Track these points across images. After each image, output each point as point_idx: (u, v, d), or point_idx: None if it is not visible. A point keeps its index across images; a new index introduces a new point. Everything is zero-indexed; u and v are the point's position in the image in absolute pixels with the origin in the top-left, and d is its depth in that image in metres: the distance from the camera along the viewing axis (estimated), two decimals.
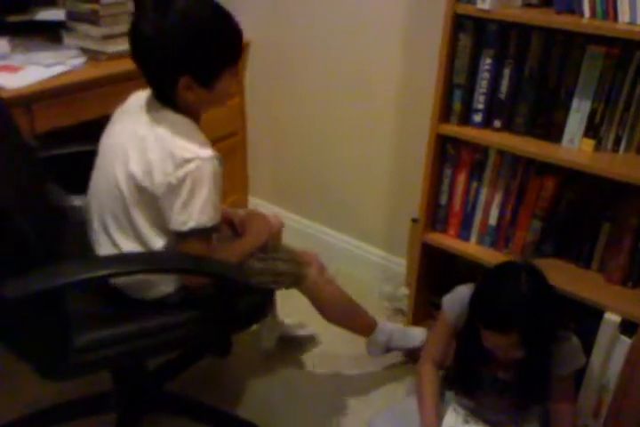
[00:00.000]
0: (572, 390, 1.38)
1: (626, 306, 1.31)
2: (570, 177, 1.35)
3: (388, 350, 1.66)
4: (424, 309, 1.77)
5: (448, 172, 1.50)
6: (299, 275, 1.41)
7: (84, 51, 1.73)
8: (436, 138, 1.44)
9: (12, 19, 1.77)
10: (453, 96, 1.40)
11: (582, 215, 1.38)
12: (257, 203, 2.35)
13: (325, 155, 2.07)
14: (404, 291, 1.89)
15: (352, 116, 1.93)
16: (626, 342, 1.30)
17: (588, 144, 1.30)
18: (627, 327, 1.30)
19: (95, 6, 1.69)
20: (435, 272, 1.71)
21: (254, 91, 2.15)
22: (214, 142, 2.03)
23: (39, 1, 1.81)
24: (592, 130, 1.29)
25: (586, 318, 1.38)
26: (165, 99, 1.15)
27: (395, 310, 1.96)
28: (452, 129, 1.42)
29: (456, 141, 1.45)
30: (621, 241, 1.32)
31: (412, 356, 1.68)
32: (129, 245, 1.18)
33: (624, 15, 1.15)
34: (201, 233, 1.14)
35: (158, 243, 1.17)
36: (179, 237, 1.15)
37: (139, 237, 1.17)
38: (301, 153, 2.14)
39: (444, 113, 1.43)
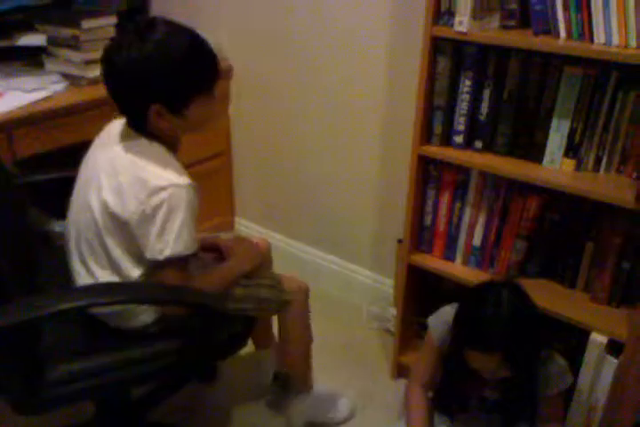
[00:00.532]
0: (561, 410, 1.37)
1: (612, 326, 1.30)
2: (552, 197, 1.35)
3: (307, 417, 1.58)
4: (412, 329, 1.75)
5: (431, 193, 1.50)
6: (283, 302, 1.38)
7: (65, 76, 1.73)
8: (418, 159, 1.44)
9: None
10: (434, 118, 1.41)
11: (566, 235, 1.38)
12: (243, 224, 2.34)
13: (311, 175, 2.07)
14: (392, 311, 1.88)
15: (336, 138, 1.93)
16: (613, 362, 1.29)
17: (569, 164, 1.30)
18: (613, 347, 1.29)
19: (76, 31, 1.70)
20: (422, 293, 1.70)
21: (239, 112, 2.15)
22: (199, 163, 2.09)
23: (20, 26, 1.81)
24: (572, 150, 1.29)
25: (572, 338, 1.38)
26: (139, 126, 1.14)
27: (383, 330, 1.95)
28: (434, 150, 1.42)
29: (438, 163, 1.45)
30: (605, 261, 1.32)
31: None
32: (105, 275, 1.17)
33: (599, 36, 1.16)
34: (177, 262, 1.13)
35: (134, 272, 1.15)
36: (155, 266, 1.13)
37: (114, 266, 1.16)
38: (287, 174, 2.13)
39: (426, 134, 1.43)
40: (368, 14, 1.70)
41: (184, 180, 1.10)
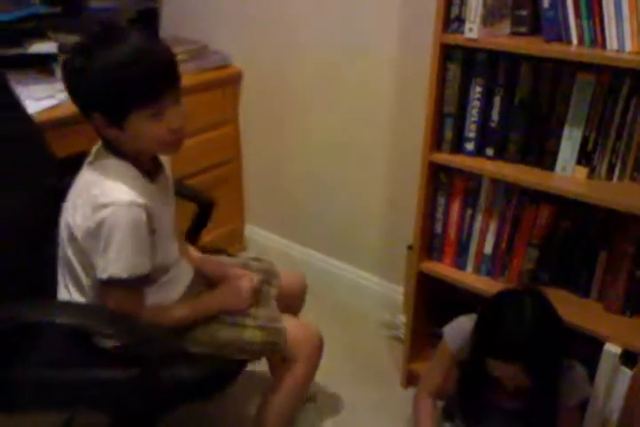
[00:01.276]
0: (578, 421, 1.35)
1: (626, 336, 1.28)
2: (565, 205, 1.33)
3: None
4: (422, 337, 1.73)
5: (442, 200, 1.49)
6: (275, 344, 1.25)
7: None
8: (429, 166, 1.43)
9: (5, 52, 1.78)
10: (444, 125, 1.39)
11: (579, 243, 1.36)
12: (253, 231, 2.34)
13: (321, 181, 2.06)
14: (402, 319, 1.86)
15: (347, 144, 1.93)
16: (627, 373, 1.27)
17: (582, 172, 1.28)
18: (628, 358, 1.27)
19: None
20: (433, 300, 1.69)
21: (248, 118, 2.15)
22: (208, 170, 2.09)
23: (32, 34, 1.82)
24: (585, 158, 1.27)
25: (586, 349, 1.35)
26: (104, 142, 1.12)
27: (393, 338, 1.93)
28: (445, 157, 1.41)
29: (449, 170, 1.44)
30: (619, 270, 1.30)
31: None
32: (75, 294, 1.17)
33: (612, 43, 1.15)
34: (120, 283, 1.07)
35: (93, 291, 1.13)
36: (101, 286, 1.10)
37: (79, 285, 1.15)
38: (297, 180, 2.13)
39: (436, 141, 1.42)
40: (377, 21, 1.69)
41: (128, 198, 1.05)
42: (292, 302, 1.48)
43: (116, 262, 1.06)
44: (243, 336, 1.22)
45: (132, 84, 1.02)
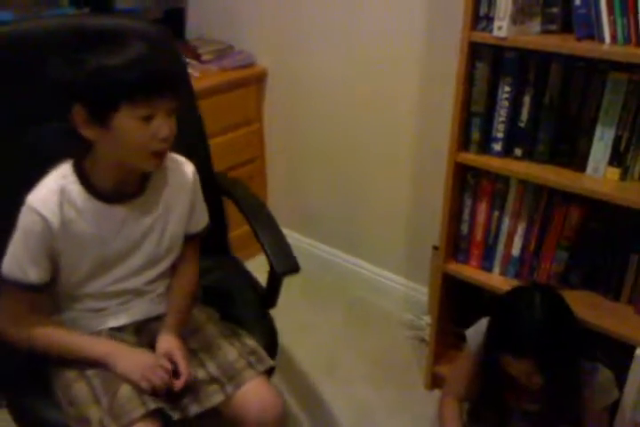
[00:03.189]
0: (607, 425, 1.32)
1: None
2: (596, 206, 1.30)
3: None
4: (447, 339, 1.72)
5: (468, 201, 1.47)
6: None
7: None
8: (455, 167, 1.41)
9: None
10: (472, 124, 1.37)
11: (610, 246, 1.33)
12: None
13: (345, 181, 2.05)
14: (427, 320, 1.85)
15: (372, 143, 1.91)
16: None
17: (614, 173, 1.25)
18: None
19: None
20: (458, 302, 1.67)
21: (273, 117, 2.15)
22: (233, 169, 2.09)
23: None
24: (617, 158, 1.24)
25: (617, 353, 1.33)
26: (80, 161, 1.07)
27: (417, 339, 1.92)
28: (471, 158, 1.39)
29: (476, 170, 1.42)
30: None
31: None
32: None
33: None
34: (2, 278, 1.05)
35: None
36: None
37: None
38: (321, 179, 2.12)
39: (463, 142, 1.40)
40: (404, 19, 1.67)
41: (32, 203, 1.02)
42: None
43: (6, 256, 1.05)
44: (86, 409, 1.03)
45: (128, 78, 0.95)
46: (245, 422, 1.10)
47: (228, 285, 1.39)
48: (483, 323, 1.38)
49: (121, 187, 1.09)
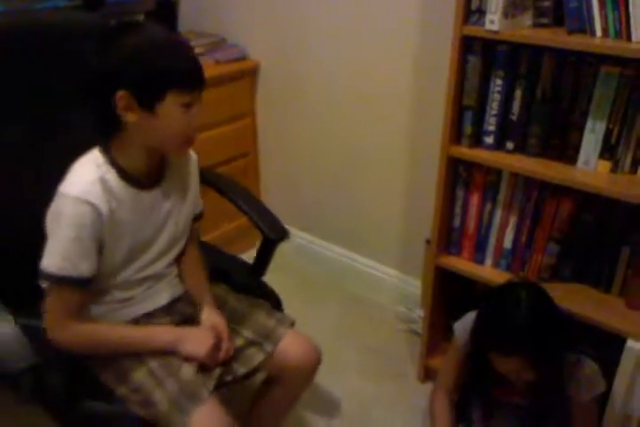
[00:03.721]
0: (595, 418, 1.34)
1: None
2: (587, 199, 1.31)
3: None
4: (440, 331, 1.73)
5: (460, 194, 1.48)
6: (172, 424, 1.05)
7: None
8: (448, 160, 1.42)
9: None
10: (464, 118, 1.38)
11: (601, 238, 1.34)
12: None
13: (338, 175, 2.05)
14: (420, 313, 1.86)
15: (364, 137, 1.92)
16: None
17: (604, 166, 1.26)
18: None
19: None
20: (451, 294, 1.68)
21: (265, 112, 2.15)
22: (226, 163, 2.09)
23: None
24: (608, 151, 1.25)
25: (608, 345, 1.34)
26: (108, 149, 1.07)
27: (410, 332, 1.93)
28: (464, 151, 1.40)
29: (468, 164, 1.43)
30: None
31: None
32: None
33: (637, 34, 1.12)
34: (50, 278, 1.02)
35: None
36: (40, 278, 1.05)
37: None
38: (314, 173, 2.12)
39: (455, 135, 1.40)
40: (396, 13, 1.67)
41: (77, 193, 1.00)
42: (288, 379, 1.25)
43: (48, 254, 1.02)
44: (151, 394, 1.07)
45: (179, 66, 1.00)
46: (288, 371, 1.23)
47: (214, 262, 1.39)
48: (470, 316, 1.38)
49: (148, 173, 1.11)
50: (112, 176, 1.06)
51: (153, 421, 1.06)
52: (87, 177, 1.03)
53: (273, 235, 1.36)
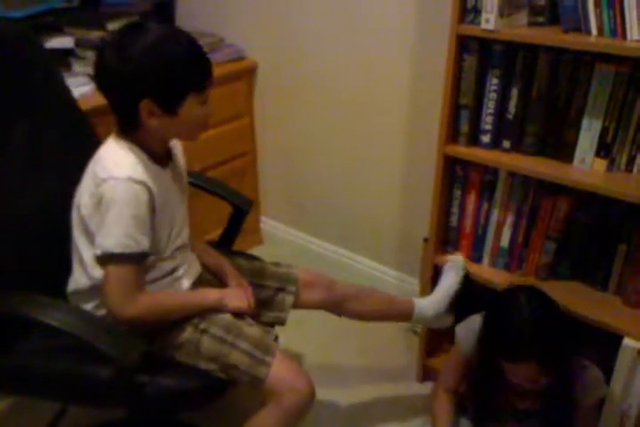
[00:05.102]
0: (596, 421, 1.34)
1: None
2: (583, 198, 1.31)
3: None
4: (439, 332, 1.73)
5: (457, 193, 1.48)
6: (255, 377, 1.13)
7: (92, 77, 1.74)
8: (444, 159, 1.42)
9: None
10: (460, 117, 1.38)
11: (598, 237, 1.34)
12: (269, 223, 2.35)
13: (336, 174, 2.05)
14: None
15: (362, 136, 1.92)
16: None
17: (601, 164, 1.26)
18: None
19: (102, 33, 1.71)
20: None
21: (263, 111, 2.15)
22: (224, 163, 2.09)
23: (50, 29, 1.83)
24: (604, 150, 1.25)
25: (604, 343, 1.34)
26: (127, 129, 1.11)
27: (409, 331, 1.93)
28: (460, 150, 1.40)
29: (464, 162, 1.43)
30: (638, 263, 1.28)
31: None
32: (76, 273, 1.18)
33: (632, 33, 1.12)
34: (114, 261, 1.06)
35: (96, 272, 1.12)
36: (99, 265, 1.09)
37: (82, 265, 1.16)
38: (312, 173, 2.13)
39: (452, 134, 1.40)
40: (393, 13, 1.68)
41: (126, 173, 1.05)
42: (322, 298, 1.43)
43: (109, 237, 1.05)
44: (228, 357, 1.14)
45: (193, 69, 1.05)
46: (315, 293, 1.41)
47: None
48: (473, 320, 1.38)
49: (164, 153, 1.18)
50: (144, 157, 1.11)
51: (237, 381, 1.15)
52: (128, 159, 1.08)
53: (242, 205, 1.51)
